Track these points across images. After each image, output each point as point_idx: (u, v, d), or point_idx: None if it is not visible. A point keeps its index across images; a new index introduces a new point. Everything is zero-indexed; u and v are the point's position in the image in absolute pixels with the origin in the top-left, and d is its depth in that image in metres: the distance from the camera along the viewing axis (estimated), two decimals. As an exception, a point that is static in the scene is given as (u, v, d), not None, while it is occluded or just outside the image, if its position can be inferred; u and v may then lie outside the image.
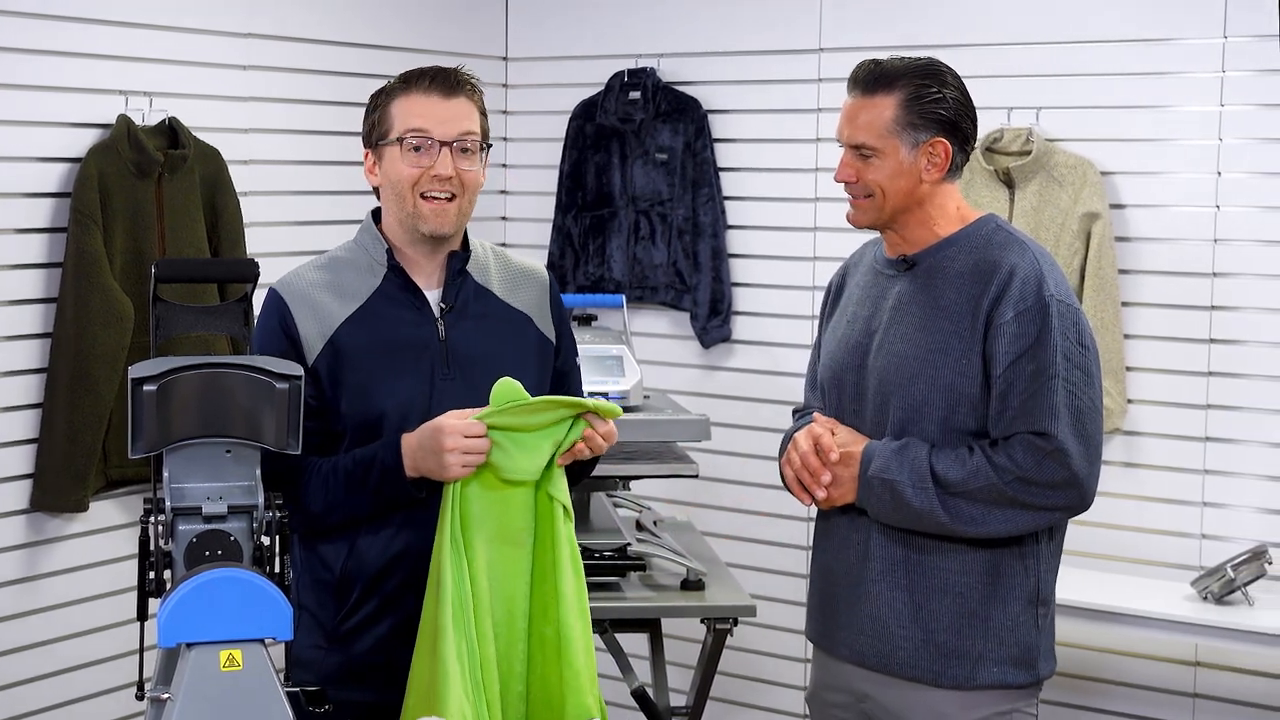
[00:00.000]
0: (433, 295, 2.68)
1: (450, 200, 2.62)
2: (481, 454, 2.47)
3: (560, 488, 2.53)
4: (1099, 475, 2.66)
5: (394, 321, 2.63)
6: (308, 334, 2.59)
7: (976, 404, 2.63)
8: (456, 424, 2.47)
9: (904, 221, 2.72)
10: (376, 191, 2.72)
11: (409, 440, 2.53)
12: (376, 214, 2.73)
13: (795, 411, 3.00)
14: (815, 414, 2.83)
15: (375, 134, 2.65)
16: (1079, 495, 2.62)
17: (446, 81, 2.63)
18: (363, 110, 2.74)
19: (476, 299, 2.71)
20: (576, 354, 2.86)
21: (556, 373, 2.78)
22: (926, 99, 2.65)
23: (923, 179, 2.68)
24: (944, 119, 2.66)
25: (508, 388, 2.49)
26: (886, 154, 2.66)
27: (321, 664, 2.62)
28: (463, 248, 2.73)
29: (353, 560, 2.61)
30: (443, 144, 2.60)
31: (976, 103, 2.75)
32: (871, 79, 2.68)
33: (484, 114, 2.68)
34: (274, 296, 2.64)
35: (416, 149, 2.60)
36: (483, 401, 2.53)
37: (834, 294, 2.94)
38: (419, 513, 2.59)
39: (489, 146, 2.69)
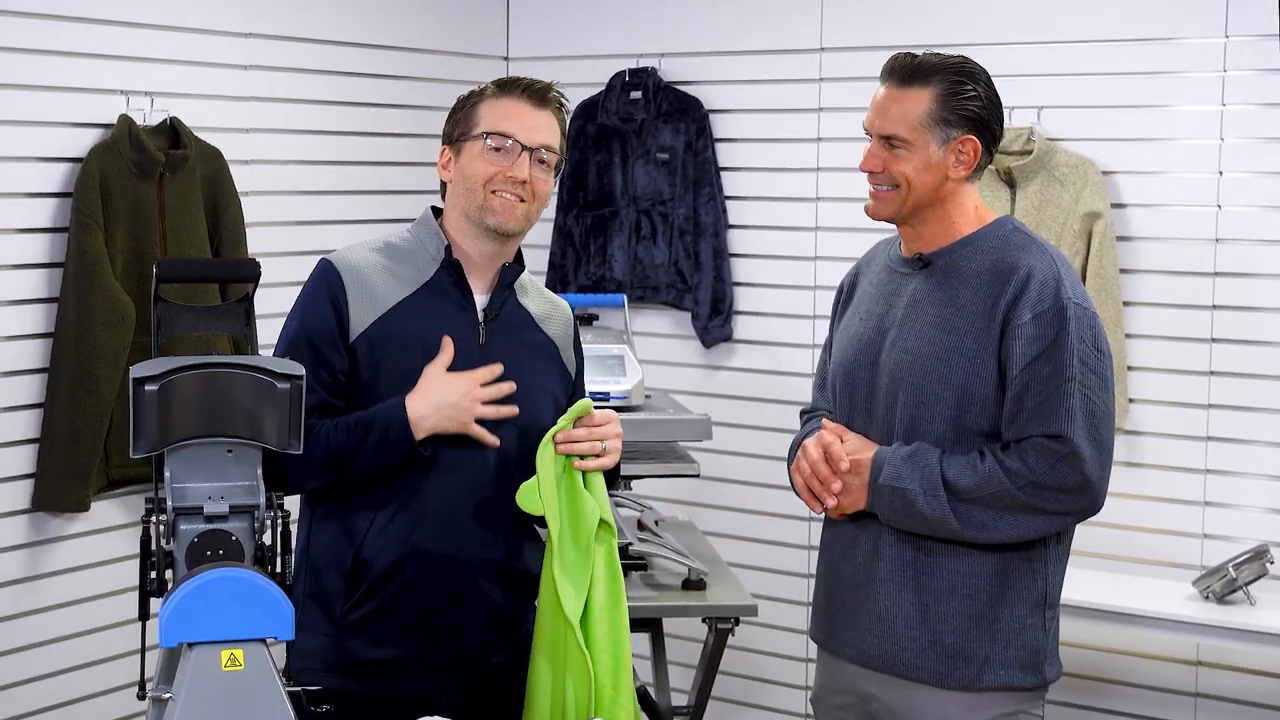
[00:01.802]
0: (479, 300, 2.70)
1: (519, 202, 2.66)
2: (489, 397, 2.58)
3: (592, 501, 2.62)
4: (1110, 480, 2.65)
5: (440, 316, 2.65)
6: (356, 310, 2.61)
7: (988, 404, 2.62)
8: (468, 375, 2.58)
9: (923, 218, 2.71)
10: (443, 189, 2.74)
11: (414, 403, 2.56)
12: (435, 211, 2.76)
13: (803, 413, 2.99)
14: (824, 420, 2.82)
15: (458, 130, 2.69)
16: (1090, 500, 2.61)
17: (539, 93, 2.68)
18: (365, 109, 2.75)
19: (517, 317, 2.75)
20: (584, 392, 2.90)
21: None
22: (961, 96, 2.65)
23: (949, 176, 2.67)
24: (976, 117, 2.66)
25: (526, 499, 2.59)
26: (916, 147, 2.65)
27: (325, 653, 2.63)
28: (517, 261, 2.74)
29: (365, 552, 2.61)
30: (524, 148, 2.64)
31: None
32: (907, 71, 2.67)
33: (564, 134, 2.73)
34: (328, 268, 2.65)
35: (497, 149, 2.64)
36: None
37: (846, 293, 2.93)
38: (432, 510, 2.62)
39: (561, 167, 2.74)
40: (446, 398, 2.56)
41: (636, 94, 4.87)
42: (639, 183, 4.91)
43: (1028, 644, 2.68)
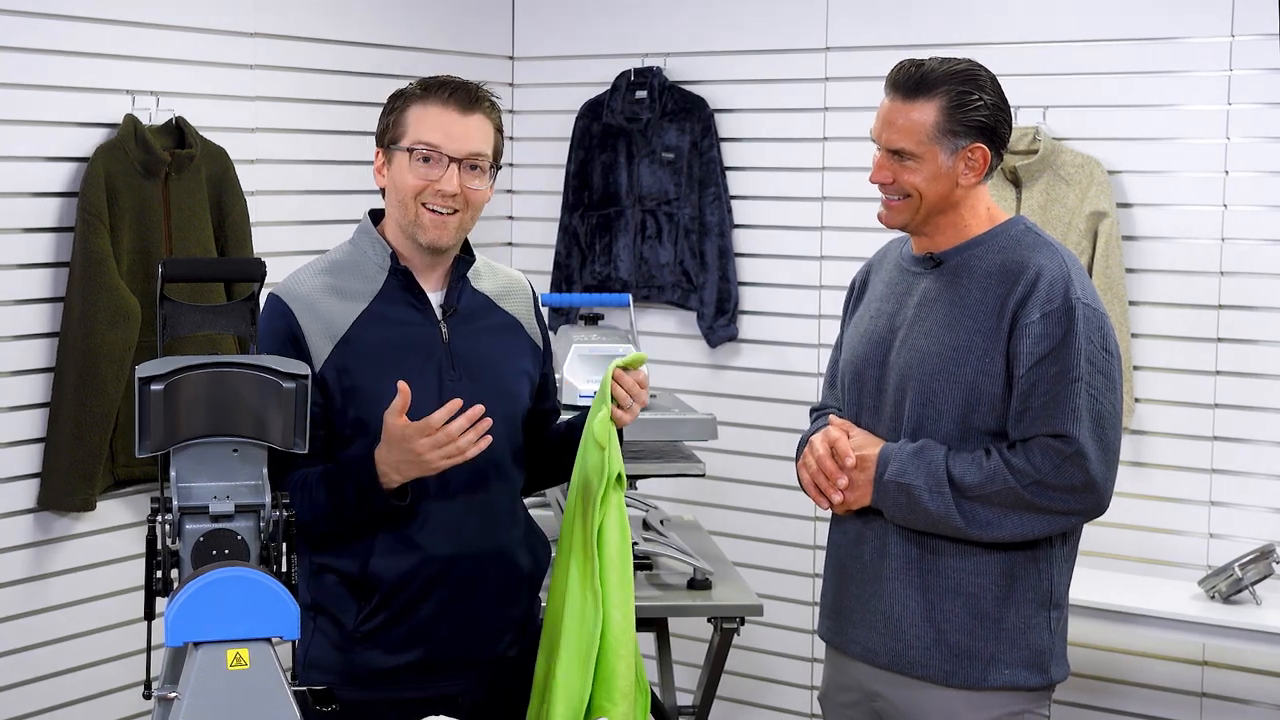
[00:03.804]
0: (434, 298, 2.68)
1: (452, 215, 2.61)
2: (455, 441, 2.47)
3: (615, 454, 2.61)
4: (1115, 481, 2.65)
5: (399, 324, 2.63)
6: (314, 340, 2.58)
7: (996, 403, 2.62)
8: (413, 427, 2.47)
9: (936, 224, 2.71)
10: (382, 191, 2.71)
11: (381, 455, 2.53)
12: (374, 215, 2.73)
13: (812, 411, 3.00)
14: (831, 416, 2.83)
15: (388, 135, 2.64)
16: (1095, 500, 2.61)
17: (466, 97, 2.60)
18: (370, 109, 2.74)
19: (475, 303, 2.73)
20: (553, 361, 2.91)
21: (542, 377, 2.82)
22: (968, 106, 2.63)
23: (959, 183, 2.67)
24: (983, 125, 2.65)
25: (601, 428, 2.60)
26: (925, 159, 2.65)
27: (339, 666, 2.63)
28: (466, 253, 2.73)
29: (373, 564, 2.61)
30: (452, 160, 2.58)
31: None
32: (912, 84, 2.65)
33: (500, 131, 2.67)
34: (278, 303, 2.62)
35: (425, 160, 2.58)
36: (489, 404, 2.56)
37: (857, 291, 2.93)
38: (434, 512, 2.62)
39: (499, 167, 2.68)
40: (402, 455, 2.50)
41: (642, 93, 4.86)
42: (644, 182, 4.91)
43: (1033, 644, 2.68)
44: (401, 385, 2.48)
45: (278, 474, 2.24)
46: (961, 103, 2.64)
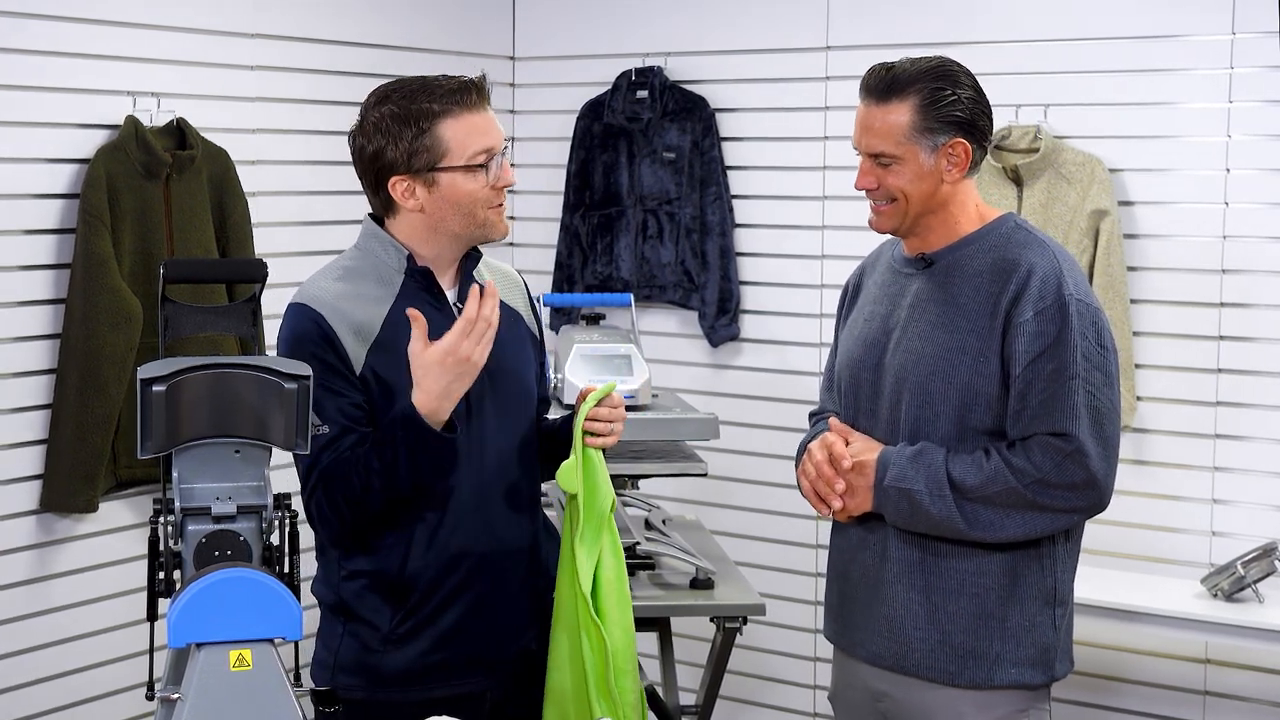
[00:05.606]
0: (449, 295, 2.69)
1: (503, 205, 2.67)
2: (482, 337, 2.50)
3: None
4: (1116, 476, 2.65)
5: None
6: (348, 343, 2.59)
7: (993, 403, 2.62)
8: (441, 347, 2.49)
9: (927, 224, 2.71)
10: (384, 208, 2.68)
11: (421, 398, 2.51)
12: (374, 217, 2.72)
13: (811, 415, 3.00)
14: (830, 420, 2.83)
15: (424, 160, 2.59)
16: (1097, 497, 2.61)
17: (482, 92, 2.64)
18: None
19: None
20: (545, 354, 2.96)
21: (539, 366, 2.87)
22: (942, 102, 2.63)
23: (944, 180, 2.67)
24: (960, 120, 2.64)
25: (566, 479, 2.66)
26: (906, 160, 2.65)
27: (370, 668, 2.64)
28: (473, 249, 2.74)
29: (410, 564, 2.62)
30: (500, 154, 2.63)
31: (985, 100, 2.75)
32: (884, 86, 2.65)
33: None
34: (306, 309, 2.60)
35: (485, 167, 2.61)
36: (506, 395, 2.65)
37: (851, 294, 2.93)
38: (465, 509, 2.63)
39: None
40: (447, 374, 2.49)
41: (643, 93, 4.87)
42: (645, 182, 4.90)
43: (1038, 642, 2.68)
44: (413, 312, 2.50)
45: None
46: (935, 99, 2.64)
